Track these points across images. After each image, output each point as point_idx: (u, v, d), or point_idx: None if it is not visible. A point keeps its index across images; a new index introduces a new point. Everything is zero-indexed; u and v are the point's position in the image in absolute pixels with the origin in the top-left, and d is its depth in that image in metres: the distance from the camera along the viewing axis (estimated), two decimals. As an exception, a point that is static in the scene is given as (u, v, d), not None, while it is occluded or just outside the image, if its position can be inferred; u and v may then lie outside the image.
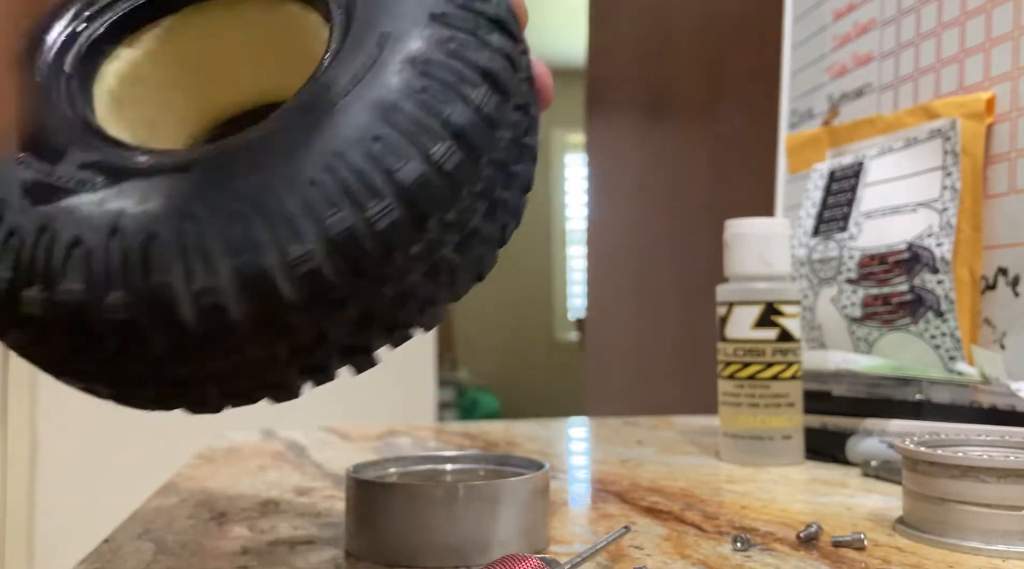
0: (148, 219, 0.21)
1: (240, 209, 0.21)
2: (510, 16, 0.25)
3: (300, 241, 0.21)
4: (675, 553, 0.32)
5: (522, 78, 0.25)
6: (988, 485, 0.31)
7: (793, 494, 0.42)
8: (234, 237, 0.21)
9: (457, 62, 0.23)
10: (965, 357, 0.49)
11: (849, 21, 0.63)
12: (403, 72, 0.23)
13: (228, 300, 0.21)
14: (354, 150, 0.21)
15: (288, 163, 0.21)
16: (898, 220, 0.53)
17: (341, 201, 0.21)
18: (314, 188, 0.21)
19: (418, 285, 0.23)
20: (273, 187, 0.21)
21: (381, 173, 0.21)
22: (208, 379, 0.23)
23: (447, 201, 0.22)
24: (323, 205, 0.21)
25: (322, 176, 0.21)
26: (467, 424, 0.75)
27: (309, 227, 0.21)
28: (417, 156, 0.22)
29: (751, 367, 0.50)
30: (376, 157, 0.21)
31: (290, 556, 0.32)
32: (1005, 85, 0.48)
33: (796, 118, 0.70)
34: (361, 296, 0.22)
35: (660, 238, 1.56)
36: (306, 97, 0.23)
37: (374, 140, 0.22)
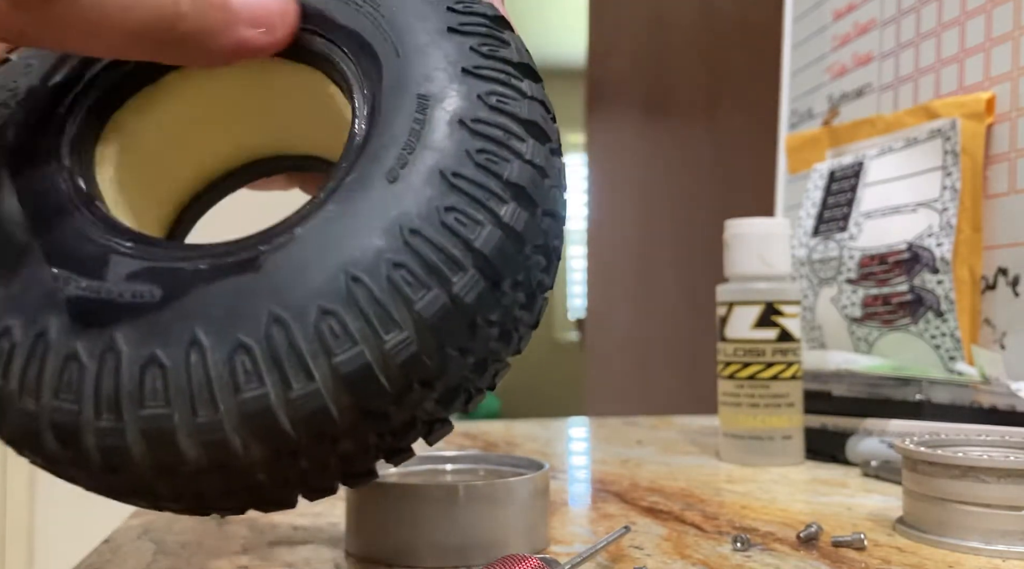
0: (227, 327, 0.20)
1: (326, 305, 0.20)
2: (530, 58, 0.25)
3: (396, 328, 0.20)
4: (675, 553, 0.32)
5: (552, 118, 0.25)
6: (988, 485, 0.31)
7: (793, 494, 0.42)
8: (326, 335, 0.20)
9: (503, 117, 0.22)
10: (965, 357, 0.49)
11: (849, 21, 0.63)
12: (455, 134, 0.22)
13: (329, 403, 0.20)
14: (429, 225, 0.20)
15: (365, 248, 0.20)
16: (898, 220, 0.53)
17: (429, 280, 0.20)
18: (399, 270, 0.20)
19: (495, 348, 0.23)
20: (356, 276, 0.20)
21: (461, 245, 0.21)
22: (297, 480, 0.22)
23: (518, 262, 0.22)
24: (412, 288, 0.20)
25: (404, 257, 0.20)
26: (467, 424, 0.75)
27: (403, 311, 0.20)
28: (490, 221, 0.21)
29: (751, 367, 0.50)
30: (452, 229, 0.21)
31: (290, 556, 0.32)
32: (1005, 85, 0.48)
33: (796, 118, 0.70)
34: (450, 372, 0.22)
35: (660, 238, 1.56)
36: (358, 171, 0.22)
37: (447, 211, 0.21)
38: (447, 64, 0.23)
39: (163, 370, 0.20)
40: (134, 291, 0.21)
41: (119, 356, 0.20)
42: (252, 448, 0.20)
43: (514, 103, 0.23)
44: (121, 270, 0.21)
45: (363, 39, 0.24)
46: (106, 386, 0.20)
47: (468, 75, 0.23)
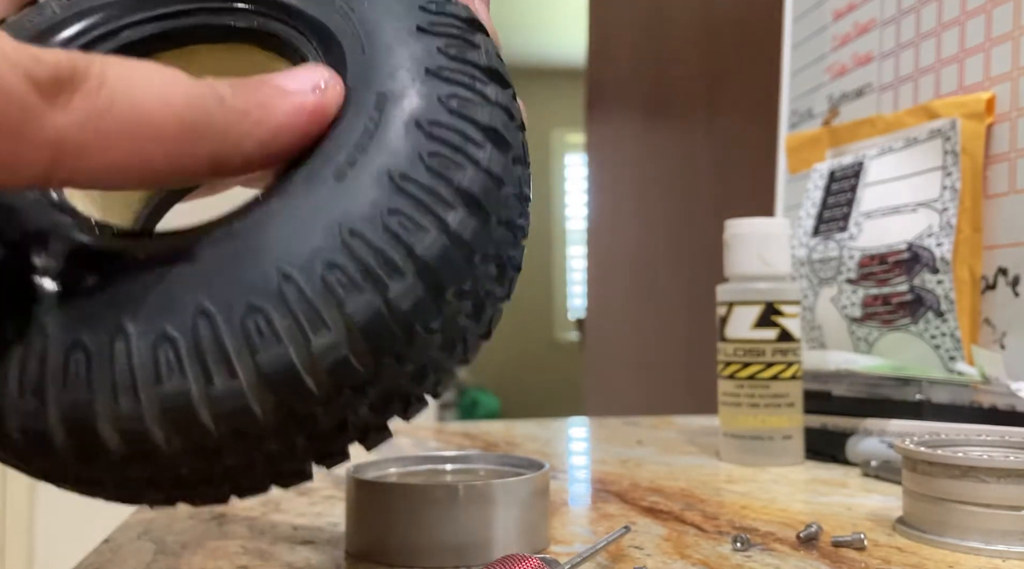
0: (155, 317, 0.19)
1: (254, 301, 0.19)
2: (501, 63, 0.24)
3: (324, 330, 0.19)
4: (675, 553, 0.32)
5: (518, 126, 0.24)
6: (988, 485, 0.31)
7: (793, 494, 0.42)
8: (251, 332, 0.19)
9: (461, 122, 0.22)
10: (965, 357, 0.49)
11: (849, 21, 0.63)
12: (409, 136, 0.21)
13: (251, 401, 0.19)
14: (370, 227, 0.20)
15: (301, 246, 0.20)
16: (898, 220, 0.53)
17: (363, 284, 0.20)
18: (334, 272, 0.20)
19: (436, 357, 0.22)
20: (288, 274, 0.19)
21: (402, 250, 0.20)
22: (223, 477, 0.22)
23: (464, 271, 0.21)
24: (345, 289, 0.19)
25: (340, 258, 0.20)
26: (467, 424, 0.75)
27: (333, 313, 0.19)
28: (435, 227, 0.20)
29: (751, 367, 0.50)
30: (394, 233, 0.20)
31: (290, 556, 0.32)
32: (1005, 85, 0.48)
33: (796, 118, 0.70)
34: (384, 378, 0.21)
35: (660, 238, 1.56)
36: (306, 167, 0.21)
37: (390, 214, 0.20)
38: (412, 63, 0.22)
39: (87, 355, 0.19)
40: (56, 269, 0.20)
41: (46, 338, 0.20)
42: (173, 441, 0.20)
43: (476, 109, 0.22)
44: (58, 251, 0.21)
45: (330, 32, 0.24)
46: (31, 367, 0.19)
47: (431, 76, 0.22)
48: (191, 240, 0.21)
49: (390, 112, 0.22)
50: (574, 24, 3.31)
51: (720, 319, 0.52)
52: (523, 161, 0.24)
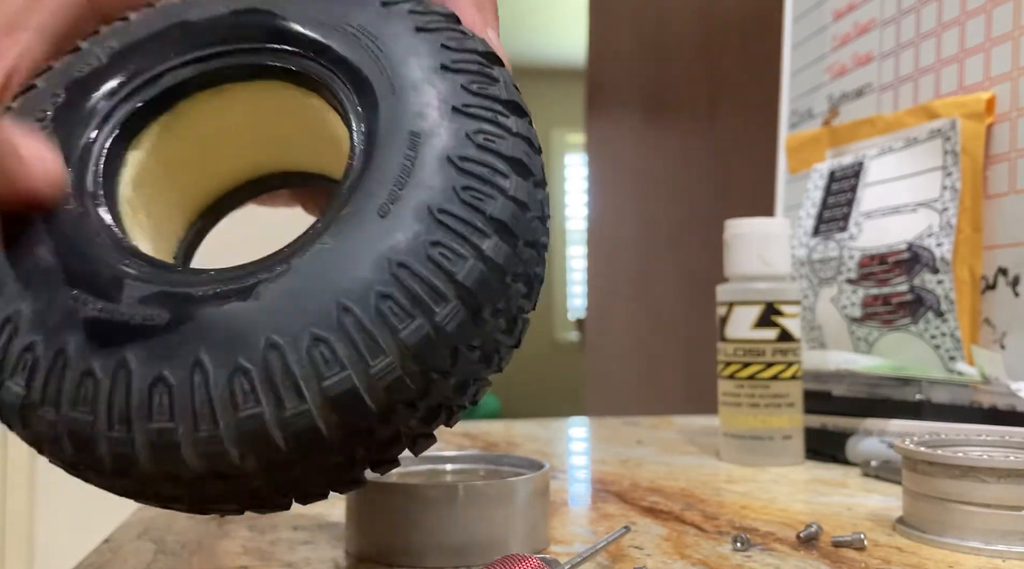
0: (228, 350, 0.21)
1: (318, 332, 0.21)
2: (518, 93, 0.26)
3: (381, 355, 0.22)
4: (675, 553, 0.32)
5: (537, 151, 0.26)
6: (988, 485, 0.31)
7: (793, 494, 0.42)
8: (317, 360, 0.21)
9: (488, 155, 0.24)
10: (965, 357, 0.49)
11: (849, 21, 0.63)
12: (443, 172, 0.23)
13: (319, 421, 0.21)
14: (415, 258, 0.22)
15: (355, 279, 0.22)
16: (898, 220, 0.53)
17: (413, 311, 0.22)
18: (386, 302, 0.22)
19: (476, 370, 0.24)
20: (346, 306, 0.21)
21: (444, 277, 0.22)
22: (289, 488, 0.24)
23: (499, 292, 0.23)
24: (398, 318, 0.22)
25: (391, 289, 0.22)
26: (467, 424, 0.75)
27: (388, 339, 0.22)
28: (473, 255, 0.22)
29: (751, 367, 0.50)
30: (437, 262, 0.22)
31: (290, 556, 0.32)
32: (1005, 85, 0.48)
33: (796, 118, 0.70)
34: (432, 393, 0.23)
35: (660, 238, 1.56)
36: (352, 206, 0.23)
37: (432, 245, 0.22)
38: (439, 102, 0.24)
39: (169, 388, 0.21)
40: (144, 314, 0.22)
41: (130, 374, 0.21)
42: (248, 459, 0.22)
43: (500, 141, 0.24)
44: (134, 294, 0.23)
45: (361, 73, 0.25)
46: (118, 401, 0.21)
47: (458, 113, 0.24)
48: (252, 276, 0.22)
49: (423, 150, 0.23)
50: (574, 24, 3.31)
51: (720, 319, 0.52)
52: (543, 184, 0.26)
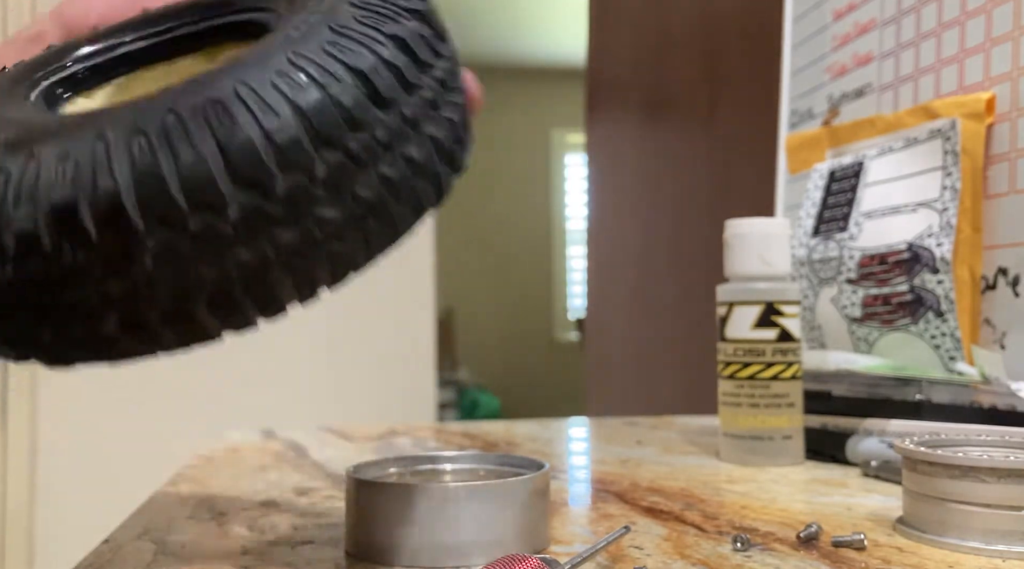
0: (129, 125, 0.23)
1: (214, 96, 0.23)
2: (429, 10, 0.28)
3: (273, 116, 0.23)
4: (675, 553, 0.32)
5: (446, 59, 0.27)
6: (988, 485, 0.31)
7: (793, 494, 0.42)
8: (212, 119, 0.23)
9: (370, 29, 0.26)
10: (965, 357, 0.49)
11: (849, 21, 0.63)
12: (325, 31, 0.26)
13: (216, 175, 0.22)
14: (315, 51, 0.24)
15: (258, 70, 0.24)
16: (898, 220, 0.53)
17: (308, 84, 0.24)
18: (283, 78, 0.23)
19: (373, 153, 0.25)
20: (244, 81, 0.23)
21: (340, 65, 0.24)
22: (197, 286, 0.23)
23: (393, 88, 0.25)
24: (293, 89, 0.23)
25: (289, 69, 0.24)
26: (467, 424, 0.75)
27: (283, 106, 0.23)
28: (369, 52, 0.25)
29: (751, 367, 0.50)
30: (333, 54, 0.24)
31: (290, 556, 0.32)
32: (1005, 85, 0.48)
33: (796, 118, 0.70)
34: (336, 170, 0.24)
35: (660, 238, 1.56)
36: (265, 41, 0.26)
37: (330, 44, 0.25)
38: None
39: (76, 161, 0.23)
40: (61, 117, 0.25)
41: (39, 161, 0.23)
42: (148, 220, 0.22)
43: (389, 24, 0.27)
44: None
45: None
46: (28, 181, 0.23)
47: (354, 5, 0.27)
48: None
49: (318, 18, 0.26)
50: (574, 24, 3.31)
51: (720, 319, 0.52)
52: (444, 85, 0.27)
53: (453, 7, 3.81)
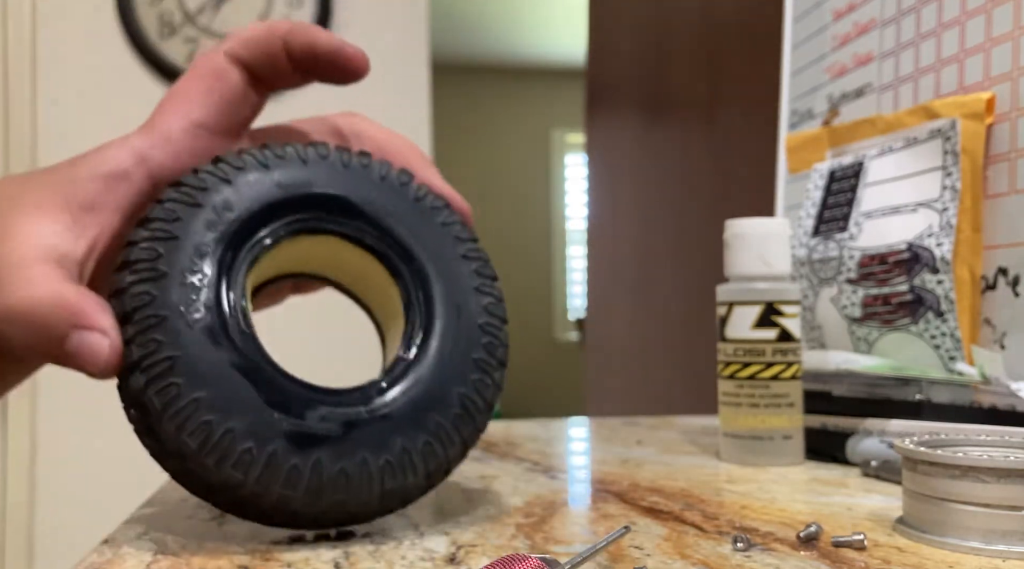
0: (383, 449, 0.33)
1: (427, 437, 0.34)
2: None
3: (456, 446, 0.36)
4: (675, 553, 0.32)
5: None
6: (988, 485, 0.31)
7: (793, 494, 0.42)
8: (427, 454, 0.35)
9: (496, 319, 0.38)
10: (965, 357, 0.49)
11: (849, 21, 0.63)
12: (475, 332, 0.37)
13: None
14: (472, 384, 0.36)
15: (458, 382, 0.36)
16: (898, 220, 0.53)
17: (476, 414, 0.36)
18: (469, 403, 0.36)
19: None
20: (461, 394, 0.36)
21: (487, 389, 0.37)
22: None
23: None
24: (474, 417, 0.36)
25: (472, 393, 0.36)
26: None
27: (468, 433, 0.36)
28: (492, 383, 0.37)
29: (751, 367, 0.50)
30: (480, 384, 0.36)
31: (290, 556, 0.32)
32: (1005, 85, 0.48)
33: (796, 118, 0.70)
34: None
35: (660, 238, 1.56)
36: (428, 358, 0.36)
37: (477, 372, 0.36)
38: (466, 284, 0.37)
39: (347, 478, 0.33)
40: (326, 428, 0.32)
41: (322, 467, 0.32)
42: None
43: (498, 308, 0.38)
44: (315, 413, 0.32)
45: (411, 252, 0.37)
46: (313, 484, 0.32)
47: (477, 292, 0.37)
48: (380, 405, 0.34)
49: (463, 317, 0.37)
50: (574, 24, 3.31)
51: (720, 319, 0.52)
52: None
53: (454, 7, 3.81)
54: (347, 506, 0.33)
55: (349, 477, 0.32)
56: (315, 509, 0.32)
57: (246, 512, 0.33)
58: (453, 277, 0.37)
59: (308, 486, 0.32)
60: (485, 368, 0.36)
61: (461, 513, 0.39)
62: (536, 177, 4.41)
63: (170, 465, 0.32)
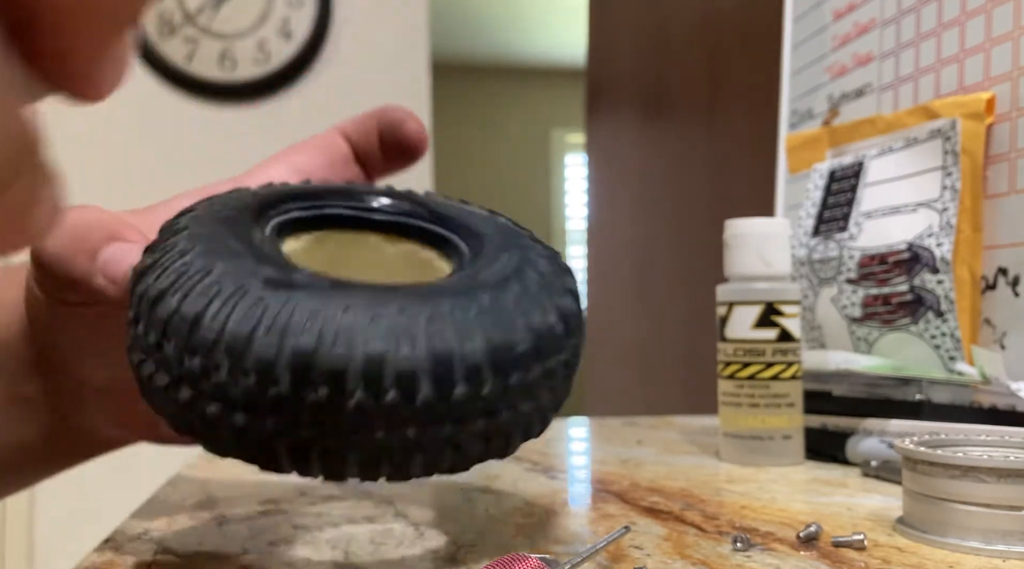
0: (374, 305, 0.27)
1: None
2: (577, 295, 0.33)
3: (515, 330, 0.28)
4: (675, 553, 0.32)
5: (577, 338, 0.32)
6: (988, 485, 0.31)
7: (793, 494, 0.42)
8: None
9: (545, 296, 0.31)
10: (965, 357, 0.49)
11: (849, 21, 0.63)
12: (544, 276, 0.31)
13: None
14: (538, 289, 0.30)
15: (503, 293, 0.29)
16: (898, 220, 0.53)
17: (543, 311, 0.29)
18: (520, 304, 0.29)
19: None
20: (503, 301, 0.28)
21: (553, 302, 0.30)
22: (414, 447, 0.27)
23: (557, 349, 0.29)
24: (532, 310, 0.28)
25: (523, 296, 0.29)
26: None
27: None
28: (554, 311, 0.30)
29: (751, 367, 0.50)
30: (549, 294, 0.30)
31: (290, 556, 0.32)
32: (1005, 85, 0.48)
33: (796, 118, 0.70)
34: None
35: (660, 238, 1.56)
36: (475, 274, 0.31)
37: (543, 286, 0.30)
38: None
39: (326, 317, 0.26)
40: (310, 281, 0.27)
41: (294, 307, 0.26)
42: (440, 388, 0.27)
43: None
44: (304, 273, 0.28)
45: (482, 236, 0.33)
46: (281, 318, 0.26)
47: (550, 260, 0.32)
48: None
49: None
50: (574, 24, 3.31)
51: (720, 319, 0.52)
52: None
53: (454, 7, 3.81)
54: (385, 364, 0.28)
55: (326, 319, 0.27)
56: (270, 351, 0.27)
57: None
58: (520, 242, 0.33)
59: (274, 320, 0.27)
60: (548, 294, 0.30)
61: (461, 513, 0.39)
62: (536, 177, 4.41)
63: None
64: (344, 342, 0.25)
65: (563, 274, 0.32)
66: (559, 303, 0.30)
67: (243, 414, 0.26)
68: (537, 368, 0.28)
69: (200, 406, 0.26)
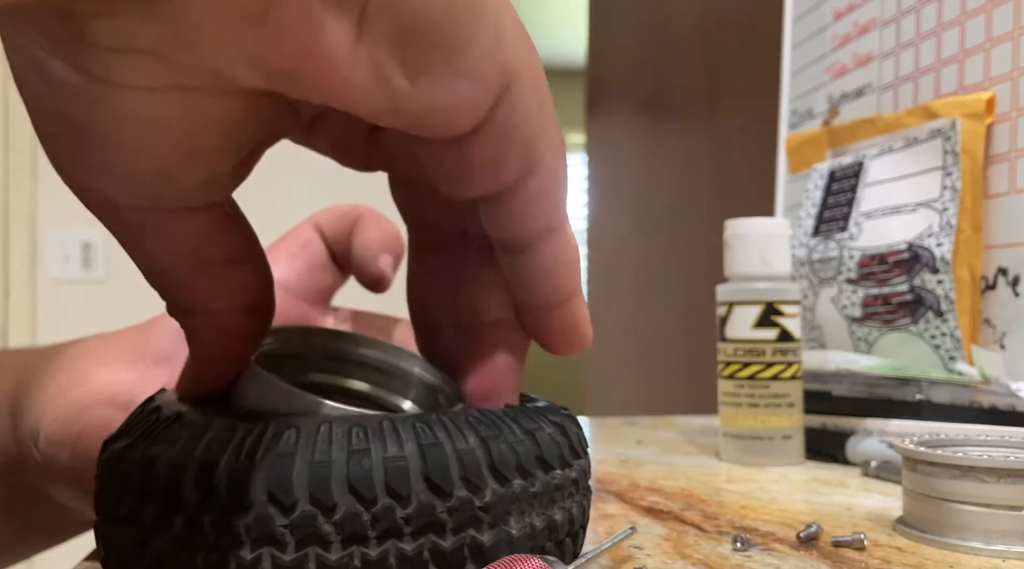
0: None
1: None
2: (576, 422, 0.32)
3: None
4: (675, 553, 0.32)
5: (583, 461, 0.30)
6: (988, 485, 0.31)
7: (793, 494, 0.42)
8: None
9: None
10: (965, 357, 0.49)
11: (849, 21, 0.63)
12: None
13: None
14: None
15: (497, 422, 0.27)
16: (898, 220, 0.53)
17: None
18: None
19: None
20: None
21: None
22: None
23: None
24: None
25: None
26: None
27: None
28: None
29: (751, 367, 0.50)
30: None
31: (290, 556, 0.32)
32: (1005, 85, 0.48)
33: (796, 118, 0.70)
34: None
35: (660, 238, 1.56)
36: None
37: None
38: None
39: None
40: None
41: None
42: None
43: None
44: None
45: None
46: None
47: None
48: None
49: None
50: (574, 24, 3.31)
51: (720, 319, 0.52)
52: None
53: (453, 7, 3.80)
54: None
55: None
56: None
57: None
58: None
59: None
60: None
61: (461, 513, 0.39)
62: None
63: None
64: None
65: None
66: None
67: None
68: None
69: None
